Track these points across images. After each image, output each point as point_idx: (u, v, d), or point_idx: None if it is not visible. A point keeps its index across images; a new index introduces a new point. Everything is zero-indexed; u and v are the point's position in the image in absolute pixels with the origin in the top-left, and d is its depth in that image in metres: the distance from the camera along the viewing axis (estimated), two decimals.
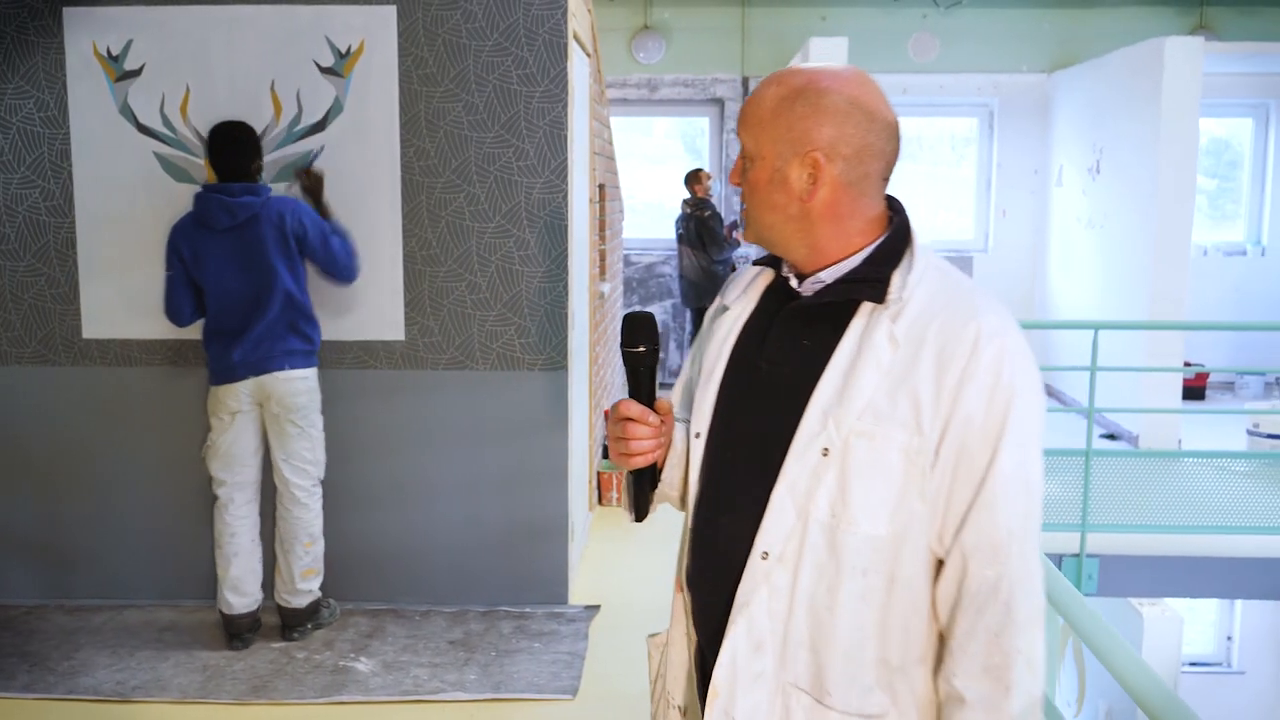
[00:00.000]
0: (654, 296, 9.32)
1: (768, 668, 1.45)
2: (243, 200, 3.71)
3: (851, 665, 1.41)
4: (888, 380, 1.38)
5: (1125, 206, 7.25)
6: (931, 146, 9.91)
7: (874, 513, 1.38)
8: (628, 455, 1.54)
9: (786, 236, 1.47)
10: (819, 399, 1.41)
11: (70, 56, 4.05)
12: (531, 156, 4.06)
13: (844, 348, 1.42)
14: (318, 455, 3.95)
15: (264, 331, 3.77)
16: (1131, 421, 7.05)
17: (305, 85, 4.04)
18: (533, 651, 3.88)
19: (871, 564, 1.39)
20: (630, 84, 9.07)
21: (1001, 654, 1.35)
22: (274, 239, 3.73)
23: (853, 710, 1.42)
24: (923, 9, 8.87)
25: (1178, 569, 5.54)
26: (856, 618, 1.40)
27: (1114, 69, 7.49)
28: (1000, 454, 1.35)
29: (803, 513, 1.41)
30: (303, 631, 3.97)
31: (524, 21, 3.99)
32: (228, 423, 3.86)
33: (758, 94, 1.47)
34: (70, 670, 3.73)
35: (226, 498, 3.91)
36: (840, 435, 1.38)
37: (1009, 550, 1.35)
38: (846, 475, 1.38)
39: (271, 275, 3.74)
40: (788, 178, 1.43)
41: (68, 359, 4.21)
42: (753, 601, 1.44)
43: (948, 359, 1.36)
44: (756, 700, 1.45)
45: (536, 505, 4.25)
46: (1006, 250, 9.26)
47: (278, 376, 3.81)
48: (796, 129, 1.42)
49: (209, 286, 3.80)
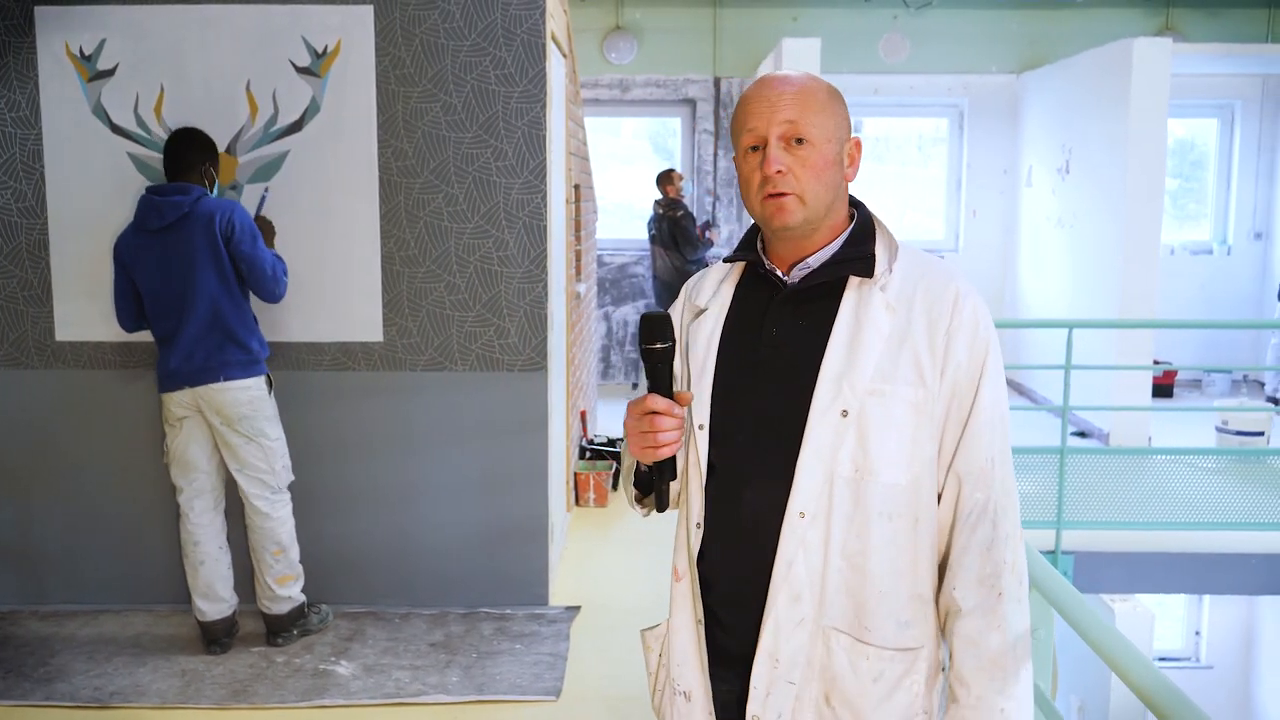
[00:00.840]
0: (627, 297, 9.32)
1: (807, 614, 1.59)
2: (171, 200, 3.65)
3: (888, 603, 1.57)
4: (889, 344, 1.56)
5: (1095, 206, 7.33)
6: (899, 147, 9.97)
7: (892, 462, 1.55)
8: (655, 448, 1.62)
9: (828, 214, 1.63)
10: (829, 369, 1.57)
11: (42, 56, 4.00)
12: (510, 157, 4.05)
13: (842, 321, 1.59)
14: (273, 464, 3.86)
15: (195, 339, 3.69)
16: (1102, 419, 7.13)
17: (281, 85, 4.01)
18: (514, 653, 3.87)
19: (895, 509, 1.56)
20: (602, 84, 9.07)
21: (992, 565, 1.55)
22: (202, 241, 3.65)
23: (890, 644, 1.58)
24: (893, 10, 8.93)
25: (1150, 565, 5.61)
26: (890, 559, 1.57)
27: (1083, 70, 7.58)
28: (981, 393, 1.56)
29: (828, 471, 1.56)
30: (288, 637, 3.94)
31: (502, 21, 3.99)
32: (177, 429, 3.81)
33: (805, 86, 1.60)
34: (46, 676, 3.68)
35: (186, 505, 3.87)
36: (856, 397, 1.55)
37: (993, 475, 1.56)
38: (865, 432, 1.55)
39: (199, 276, 3.65)
40: (843, 159, 1.62)
41: (40, 362, 4.16)
42: (794, 559, 1.58)
43: (936, 317, 1.56)
44: (799, 643, 1.60)
45: (516, 506, 4.24)
46: (977, 250, 9.35)
47: (213, 388, 3.72)
48: (843, 116, 1.63)
49: (144, 291, 3.74)
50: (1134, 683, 1.77)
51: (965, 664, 1.55)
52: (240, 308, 3.76)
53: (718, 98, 9.12)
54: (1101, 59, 7.20)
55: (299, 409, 4.09)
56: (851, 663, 1.58)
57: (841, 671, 1.59)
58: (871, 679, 1.57)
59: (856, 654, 1.58)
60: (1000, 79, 9.07)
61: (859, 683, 1.58)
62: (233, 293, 3.73)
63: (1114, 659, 1.82)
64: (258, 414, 3.80)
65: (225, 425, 3.76)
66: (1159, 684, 1.73)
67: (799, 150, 1.58)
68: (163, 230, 3.67)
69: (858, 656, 1.58)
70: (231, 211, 3.69)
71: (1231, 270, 9.21)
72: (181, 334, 3.70)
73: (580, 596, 4.41)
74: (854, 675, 1.58)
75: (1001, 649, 1.53)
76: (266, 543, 3.88)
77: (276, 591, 3.90)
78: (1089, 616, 1.93)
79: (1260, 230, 9.18)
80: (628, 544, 5.12)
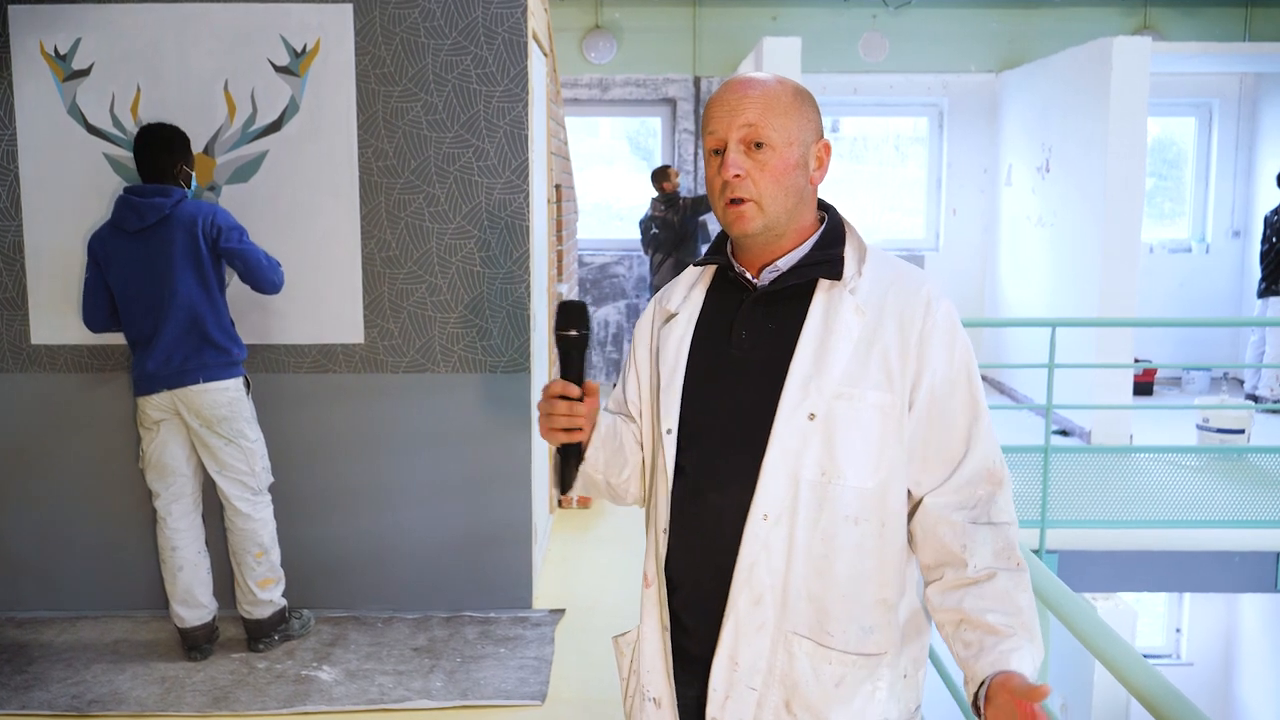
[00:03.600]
0: (608, 297, 9.29)
1: (769, 619, 1.59)
2: (151, 201, 3.61)
3: (851, 607, 1.57)
4: (858, 347, 1.56)
5: (1075, 205, 7.35)
6: (877, 147, 9.99)
7: (859, 466, 1.55)
8: (555, 430, 1.68)
9: (791, 219, 1.62)
10: (797, 371, 1.57)
11: (16, 55, 3.94)
12: (492, 157, 4.02)
13: (811, 323, 1.58)
14: (254, 465, 3.83)
15: (173, 342, 3.64)
16: (1083, 417, 7.15)
17: (260, 85, 3.97)
18: (499, 657, 3.84)
19: (861, 513, 1.56)
20: (582, 84, 9.04)
21: (1004, 541, 1.55)
22: (182, 244, 3.60)
23: (853, 649, 1.57)
24: (872, 9, 8.94)
25: (1132, 563, 5.63)
26: (855, 563, 1.57)
27: (1062, 68, 7.60)
28: (976, 398, 1.58)
29: (793, 474, 1.56)
30: (269, 642, 3.89)
31: (483, 20, 3.95)
32: (154, 432, 3.77)
33: (769, 88, 1.59)
34: (23, 685, 3.63)
35: (164, 510, 3.82)
36: (824, 400, 1.54)
37: (1001, 474, 1.59)
38: (832, 435, 1.55)
39: (178, 279, 3.61)
40: (808, 162, 1.61)
41: (15, 365, 4.10)
42: (756, 560, 1.58)
43: (907, 321, 1.56)
44: (759, 648, 1.59)
45: (499, 509, 4.20)
46: (957, 249, 9.36)
47: (192, 390, 3.68)
48: (811, 119, 1.61)
49: (118, 292, 3.69)
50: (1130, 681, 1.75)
51: (999, 621, 1.50)
52: (218, 310, 3.72)
53: (698, 97, 9.11)
54: (1081, 58, 7.23)
55: (280, 411, 4.04)
56: (814, 667, 1.58)
57: (803, 677, 1.58)
58: (834, 683, 1.57)
59: (819, 658, 1.58)
60: (980, 78, 9.10)
61: (821, 687, 1.57)
62: (211, 295, 3.69)
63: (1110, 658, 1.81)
64: (237, 415, 3.76)
65: (204, 427, 3.72)
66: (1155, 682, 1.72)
67: (759, 154, 1.58)
68: (141, 232, 3.62)
69: (820, 661, 1.58)
70: (214, 214, 3.65)
71: (1210, 268, 9.27)
72: (159, 337, 3.65)
73: (564, 599, 4.38)
74: (816, 680, 1.58)
75: (1031, 611, 1.53)
76: (248, 544, 3.84)
77: (258, 595, 3.85)
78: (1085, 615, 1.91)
79: (1239, 228, 9.24)
80: (611, 546, 5.09)
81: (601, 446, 1.76)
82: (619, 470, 1.79)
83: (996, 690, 1.45)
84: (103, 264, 3.69)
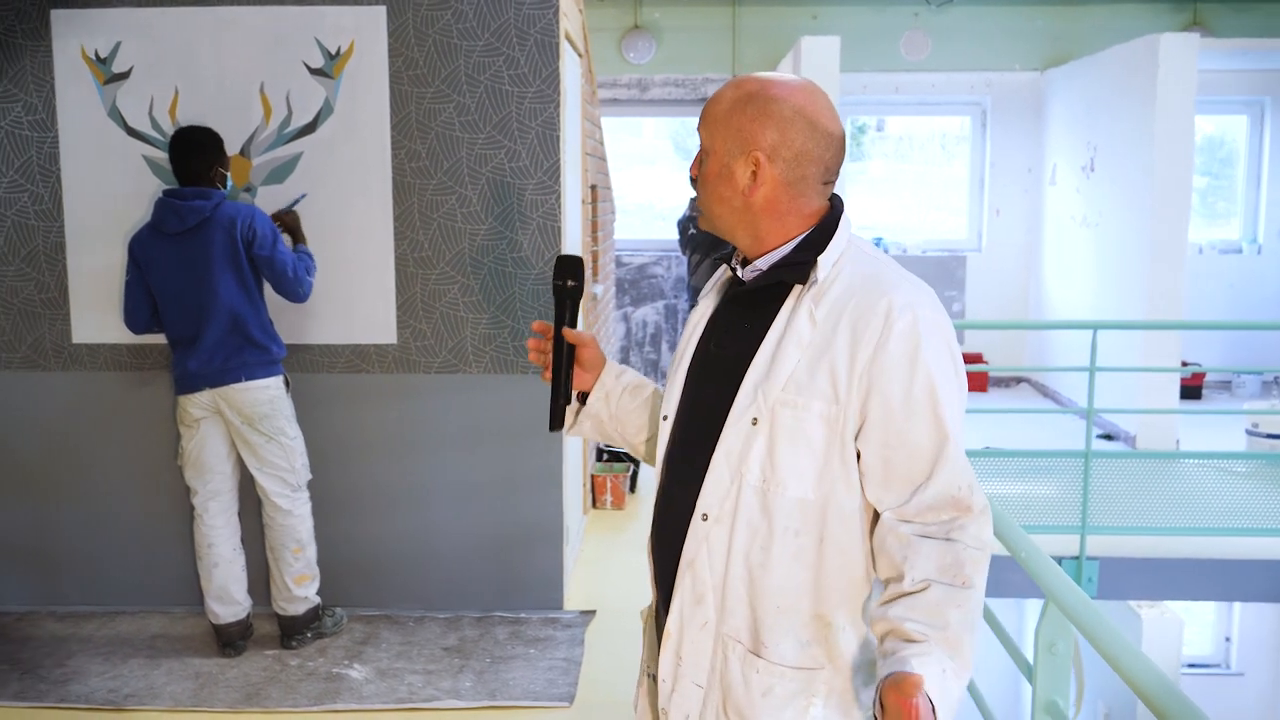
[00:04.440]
0: (646, 298, 9.28)
1: (710, 619, 1.61)
2: (192, 204, 3.65)
3: (786, 619, 1.56)
4: (808, 355, 1.53)
5: (1120, 205, 7.23)
6: (922, 146, 9.89)
7: (801, 476, 1.53)
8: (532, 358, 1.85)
9: (733, 226, 1.63)
10: (752, 374, 1.57)
11: (58, 59, 4.01)
12: (524, 158, 4.02)
13: (775, 327, 1.58)
14: (293, 462, 3.87)
15: (215, 342, 3.69)
16: (1128, 421, 7.03)
17: (295, 87, 4.00)
18: (528, 658, 3.84)
19: (802, 525, 1.54)
20: (620, 84, 9.03)
21: (953, 557, 1.48)
22: (222, 245, 3.66)
23: (786, 663, 1.56)
24: (914, 7, 8.85)
25: (1177, 571, 5.52)
26: (790, 575, 1.55)
27: (1108, 66, 7.48)
28: (941, 423, 1.50)
29: (736, 476, 1.56)
30: (302, 639, 3.92)
31: (515, 21, 3.96)
32: (194, 430, 3.82)
33: (718, 94, 1.63)
34: (62, 678, 3.69)
35: (201, 507, 3.87)
36: (767, 405, 1.54)
37: (963, 498, 1.51)
38: (774, 442, 1.54)
39: (220, 280, 3.66)
40: (734, 173, 1.59)
41: (58, 364, 4.17)
42: (696, 558, 1.60)
43: (861, 333, 1.50)
44: (701, 646, 1.62)
45: (531, 509, 4.21)
46: (1000, 250, 9.25)
47: (234, 388, 3.73)
48: (745, 130, 1.58)
49: (159, 293, 3.74)
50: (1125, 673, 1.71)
51: (917, 629, 1.44)
52: (259, 311, 3.77)
53: None
54: (1127, 55, 7.11)
55: (313, 411, 4.08)
56: (743, 674, 1.58)
57: (734, 681, 1.59)
58: (760, 693, 1.57)
59: (748, 666, 1.58)
60: (1024, 76, 8.97)
61: (749, 695, 1.58)
62: (252, 296, 3.74)
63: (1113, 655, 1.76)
64: (277, 413, 3.81)
65: (246, 424, 3.76)
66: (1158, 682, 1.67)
67: (704, 161, 1.63)
68: (182, 234, 3.67)
69: (749, 669, 1.58)
70: (252, 217, 3.69)
71: (1262, 270, 9.07)
72: (201, 337, 3.70)
73: (596, 600, 4.38)
74: (744, 687, 1.58)
75: (961, 629, 1.45)
76: (287, 540, 3.87)
77: (294, 591, 3.88)
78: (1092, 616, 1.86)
79: None
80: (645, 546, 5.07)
81: (613, 399, 1.86)
82: (637, 430, 1.87)
83: (885, 692, 1.39)
84: (143, 266, 3.74)
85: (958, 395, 1.54)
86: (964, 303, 9.22)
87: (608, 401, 1.86)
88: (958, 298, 9.23)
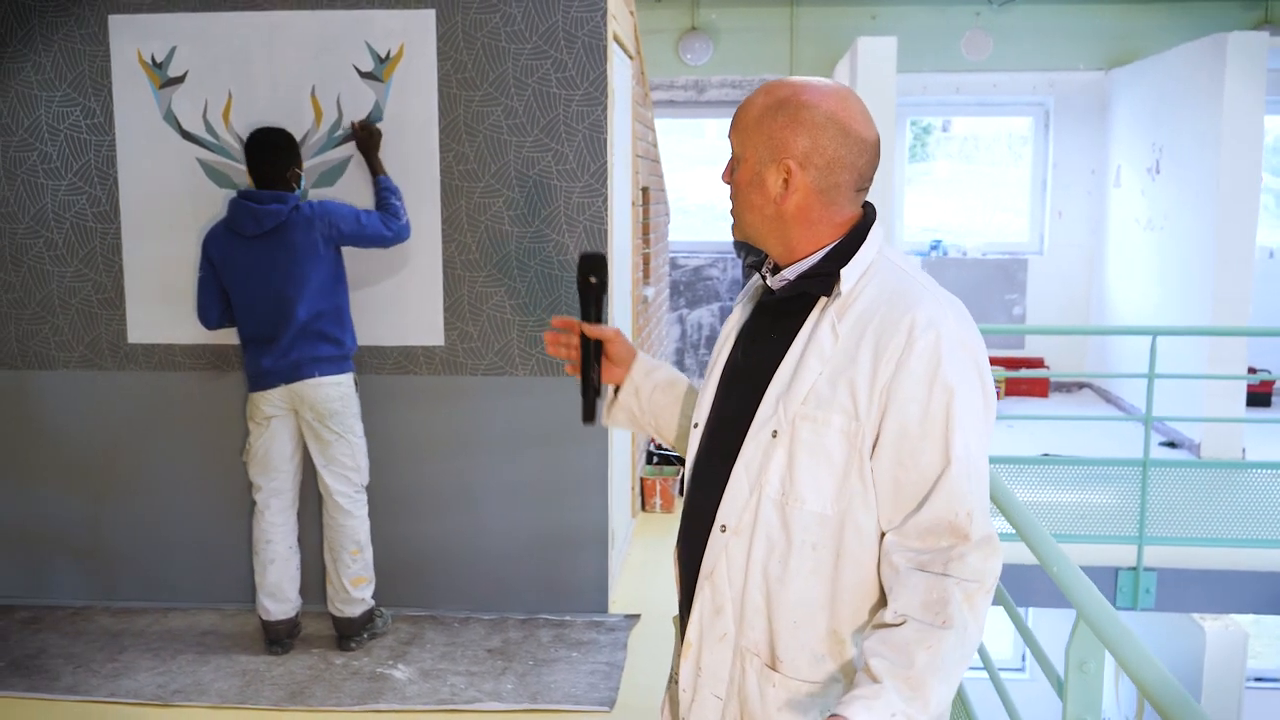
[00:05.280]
0: (701, 300, 9.25)
1: (730, 631, 1.60)
2: (270, 208, 3.70)
3: (802, 634, 1.54)
4: (829, 368, 1.50)
5: (1186, 207, 7.06)
6: (988, 147, 9.74)
7: (820, 491, 1.51)
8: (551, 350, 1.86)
9: (764, 234, 1.61)
10: (774, 386, 1.55)
11: (116, 64, 4.08)
12: (571, 160, 4.02)
13: (799, 339, 1.55)
14: (359, 461, 3.93)
15: (292, 339, 3.75)
16: (1193, 429, 6.85)
17: (345, 90, 4.03)
18: (571, 661, 3.84)
19: (820, 539, 1.51)
20: (678, 85, 9.01)
21: (940, 593, 1.44)
22: (304, 245, 3.71)
23: (801, 677, 1.55)
24: (976, 6, 8.71)
25: (1241, 583, 5.37)
26: (807, 590, 1.53)
27: (1174, 65, 7.30)
28: (950, 445, 1.45)
29: (756, 488, 1.54)
30: (359, 641, 3.95)
31: (563, 24, 3.95)
32: (263, 427, 3.86)
33: (749, 100, 1.60)
34: (113, 673, 3.75)
35: (263, 503, 3.92)
36: (787, 419, 1.52)
37: (962, 525, 1.45)
38: (794, 455, 1.51)
39: (300, 282, 3.72)
40: (765, 181, 1.57)
41: (114, 363, 4.24)
42: (715, 569, 1.59)
43: (883, 349, 1.47)
44: (720, 658, 1.61)
45: (577, 512, 4.20)
46: (1062, 253, 9.07)
47: (308, 384, 3.78)
48: (776, 137, 1.55)
49: (235, 293, 3.80)
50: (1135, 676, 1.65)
51: (880, 666, 1.42)
52: (338, 307, 3.83)
53: None
54: (1194, 54, 6.94)
55: (362, 412, 4.10)
56: (760, 688, 1.58)
57: (751, 694, 1.59)
58: (776, 707, 1.57)
59: (764, 680, 1.57)
60: (1088, 76, 8.79)
61: (765, 709, 1.58)
62: (336, 291, 3.81)
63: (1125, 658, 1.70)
64: (347, 410, 3.86)
65: (318, 421, 3.82)
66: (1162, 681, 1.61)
67: (735, 168, 1.61)
68: (259, 236, 3.72)
69: (765, 683, 1.57)
70: (327, 213, 3.75)
71: None
72: (279, 335, 3.75)
73: (641, 604, 4.36)
74: (760, 701, 1.58)
75: (927, 672, 1.41)
76: (346, 542, 3.91)
77: (351, 593, 3.91)
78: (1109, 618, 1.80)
79: None
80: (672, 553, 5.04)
81: (643, 395, 1.87)
82: (672, 426, 1.88)
83: None
84: (218, 266, 3.79)
85: (979, 418, 1.49)
86: (1024, 306, 9.07)
87: (637, 396, 1.88)
88: (1018, 301, 9.08)
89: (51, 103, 4.11)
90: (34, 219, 4.18)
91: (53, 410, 4.28)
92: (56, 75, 4.10)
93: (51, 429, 4.29)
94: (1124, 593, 5.05)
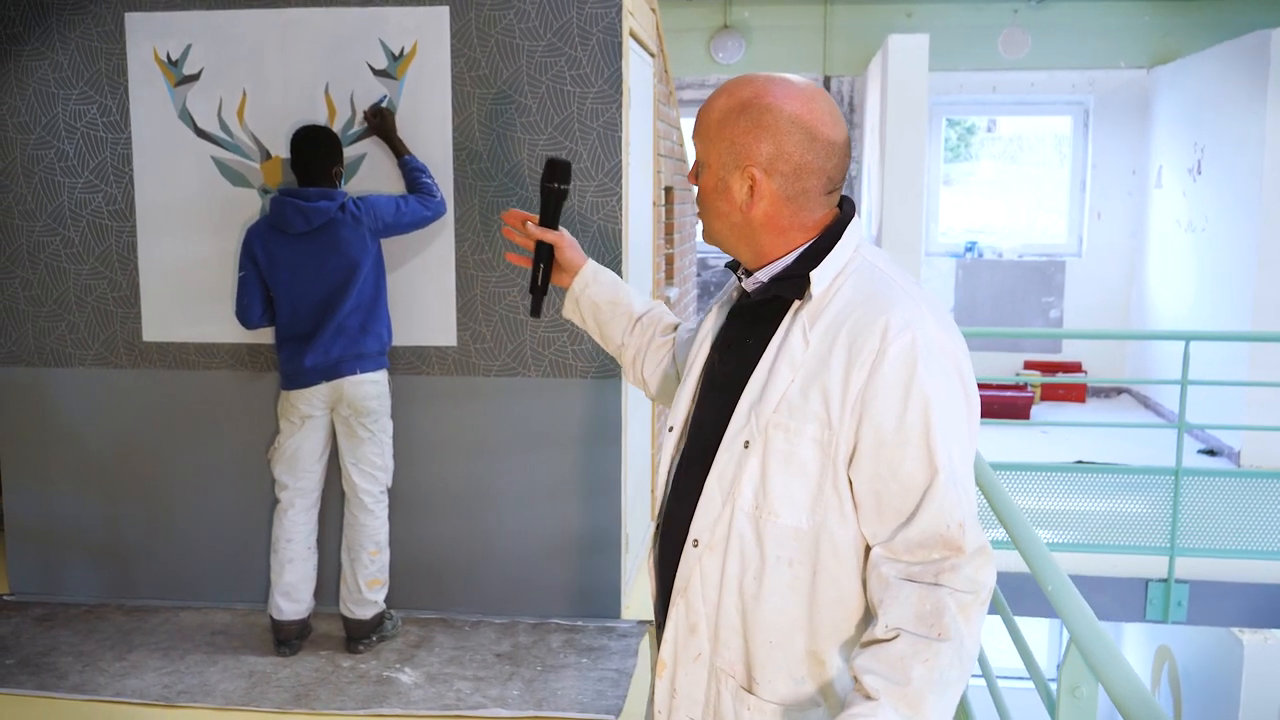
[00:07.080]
0: None
1: (705, 650, 1.54)
2: (318, 205, 3.69)
3: (779, 655, 1.48)
4: (801, 375, 1.44)
5: (1228, 209, 6.88)
6: (1034, 147, 9.58)
7: (794, 503, 1.44)
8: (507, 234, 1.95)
9: (732, 241, 1.55)
10: (747, 395, 1.48)
11: (131, 62, 4.08)
12: (585, 159, 3.96)
13: (772, 345, 1.48)
14: (386, 461, 3.91)
15: (334, 335, 3.74)
16: (1233, 436, 6.67)
17: (359, 88, 4.00)
18: (580, 667, 3.78)
19: (795, 555, 1.45)
20: (709, 85, 8.94)
21: (933, 604, 1.37)
22: (353, 240, 3.71)
23: (779, 699, 1.49)
24: (1014, 3, 8.56)
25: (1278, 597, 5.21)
26: (784, 608, 1.46)
27: (1217, 63, 7.13)
28: (934, 454, 1.38)
29: (729, 501, 1.48)
30: (368, 644, 3.92)
31: (578, 21, 3.89)
32: (297, 426, 3.84)
33: (709, 103, 1.53)
34: (121, 672, 3.74)
35: (287, 502, 3.90)
36: (760, 428, 1.45)
37: (954, 537, 1.38)
38: (767, 466, 1.45)
39: (351, 278, 3.71)
40: (730, 188, 1.50)
41: (129, 361, 4.24)
42: (689, 586, 1.53)
43: (856, 354, 1.40)
44: (695, 679, 1.56)
45: (589, 517, 4.14)
46: (1101, 255, 8.90)
47: (349, 380, 3.77)
48: (739, 143, 1.48)
49: (280, 291, 3.78)
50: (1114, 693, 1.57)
51: (875, 684, 1.36)
52: (380, 303, 3.82)
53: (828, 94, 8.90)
54: (1237, 52, 6.76)
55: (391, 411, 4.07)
56: (735, 711, 1.52)
57: (727, 717, 1.54)
58: None
59: (740, 702, 1.52)
60: (1129, 74, 8.61)
61: None
62: (380, 285, 3.81)
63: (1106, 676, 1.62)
64: (382, 409, 3.86)
65: (355, 419, 3.80)
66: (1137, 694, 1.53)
67: (700, 174, 1.56)
68: (308, 234, 3.71)
69: (740, 705, 1.52)
70: (371, 206, 3.74)
71: None
72: (321, 333, 3.74)
73: None
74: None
75: (923, 686, 1.35)
76: (366, 542, 3.88)
77: (365, 595, 3.88)
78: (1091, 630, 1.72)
79: None
80: None
81: (583, 305, 1.95)
82: (611, 340, 1.97)
83: None
84: (262, 264, 3.78)
85: (961, 424, 1.41)
86: (1062, 309, 8.90)
87: (578, 305, 1.96)
88: (1055, 304, 8.91)
89: (68, 101, 4.12)
90: (51, 217, 4.19)
91: (68, 408, 4.29)
92: (73, 73, 4.10)
93: (67, 426, 4.30)
94: (1154, 604, 4.91)
